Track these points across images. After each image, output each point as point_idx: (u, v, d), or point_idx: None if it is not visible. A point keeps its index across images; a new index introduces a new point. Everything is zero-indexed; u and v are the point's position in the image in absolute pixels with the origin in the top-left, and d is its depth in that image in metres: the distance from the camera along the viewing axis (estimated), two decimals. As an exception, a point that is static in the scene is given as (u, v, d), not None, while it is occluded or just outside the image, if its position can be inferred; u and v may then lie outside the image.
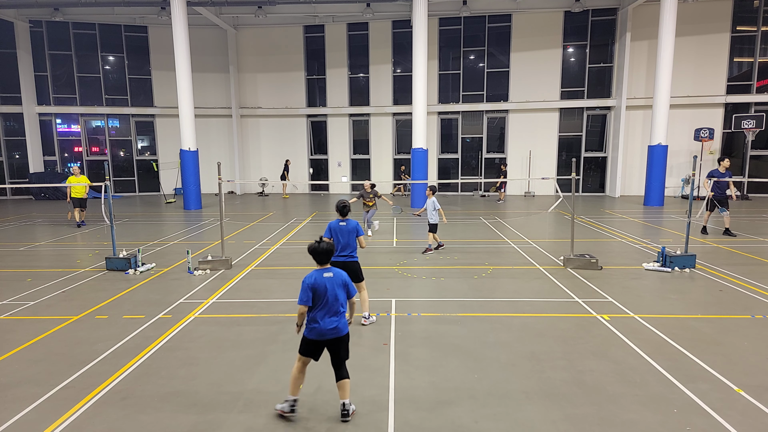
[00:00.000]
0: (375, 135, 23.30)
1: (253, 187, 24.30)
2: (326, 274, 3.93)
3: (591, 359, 4.98)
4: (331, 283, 3.91)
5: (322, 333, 3.88)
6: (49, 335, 5.77)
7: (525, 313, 6.37)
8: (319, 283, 3.88)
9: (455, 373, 4.71)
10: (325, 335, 3.89)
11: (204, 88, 22.90)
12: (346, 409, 3.91)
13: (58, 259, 9.92)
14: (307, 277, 3.90)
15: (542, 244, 10.80)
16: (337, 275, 3.97)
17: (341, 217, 5.94)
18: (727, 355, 5.07)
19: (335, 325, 3.89)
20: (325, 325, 3.87)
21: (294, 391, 3.98)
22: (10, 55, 22.09)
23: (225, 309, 6.69)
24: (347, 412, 3.91)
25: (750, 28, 20.12)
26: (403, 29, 21.77)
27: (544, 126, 21.87)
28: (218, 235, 10.40)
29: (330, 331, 3.88)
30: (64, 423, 3.93)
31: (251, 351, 5.27)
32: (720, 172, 11.14)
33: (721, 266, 8.68)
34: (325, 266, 3.99)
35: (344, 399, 3.93)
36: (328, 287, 3.88)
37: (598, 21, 21.08)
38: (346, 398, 3.94)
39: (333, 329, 3.89)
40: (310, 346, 3.95)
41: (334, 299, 3.89)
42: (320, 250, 3.93)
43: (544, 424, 3.86)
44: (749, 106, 20.28)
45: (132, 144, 23.95)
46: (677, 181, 20.58)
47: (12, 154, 23.36)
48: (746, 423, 3.84)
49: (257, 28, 22.90)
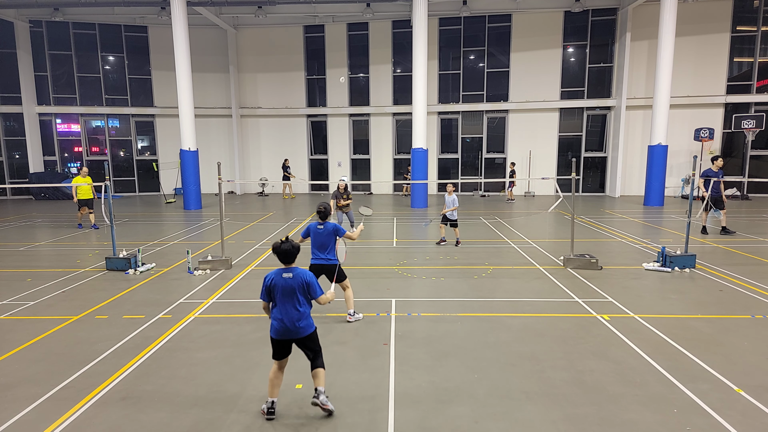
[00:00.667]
0: (375, 135, 23.30)
1: (253, 187, 24.30)
2: (285, 274, 3.92)
3: (591, 359, 4.98)
4: (290, 283, 3.89)
5: (282, 332, 3.91)
6: (49, 335, 5.77)
7: (525, 313, 6.37)
8: (276, 283, 3.90)
9: (455, 373, 4.71)
10: (285, 335, 3.91)
11: (204, 88, 22.89)
12: (317, 393, 3.94)
13: (58, 259, 9.92)
14: (266, 277, 3.95)
15: (542, 244, 10.80)
16: (297, 276, 3.92)
17: (320, 220, 5.97)
18: (727, 355, 5.07)
19: (297, 327, 3.90)
20: (284, 324, 3.89)
21: (272, 393, 3.99)
22: (10, 55, 22.09)
23: (225, 309, 6.69)
24: (317, 396, 3.93)
25: (750, 28, 20.12)
26: (403, 29, 21.76)
27: (544, 126, 21.87)
28: (218, 235, 10.40)
29: (289, 332, 3.90)
30: (64, 423, 3.93)
31: (251, 351, 5.27)
32: (714, 171, 11.18)
33: (721, 266, 8.68)
34: (289, 266, 3.96)
35: (318, 386, 3.97)
36: (285, 288, 3.88)
37: (598, 21, 21.08)
38: (320, 385, 3.97)
39: (293, 330, 3.90)
40: (275, 346, 3.97)
41: (292, 300, 3.89)
42: (280, 250, 3.93)
43: (544, 424, 3.86)
44: (749, 106, 20.28)
45: (132, 144, 23.94)
46: (677, 181, 20.58)
47: (12, 154, 23.35)
48: (746, 423, 3.84)
49: (257, 28, 22.90)
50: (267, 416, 3.94)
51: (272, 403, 3.97)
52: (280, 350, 3.98)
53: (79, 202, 13.35)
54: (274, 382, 3.99)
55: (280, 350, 3.98)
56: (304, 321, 3.93)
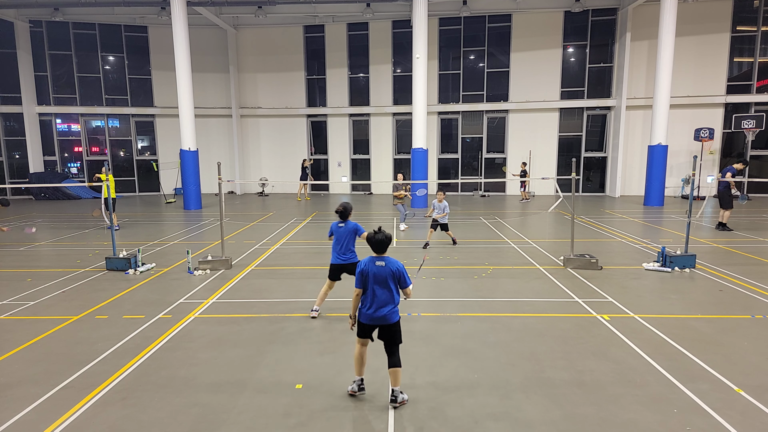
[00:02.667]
0: (375, 135, 23.30)
1: (253, 187, 24.30)
2: (378, 262, 4.12)
3: (591, 359, 4.98)
4: (382, 271, 4.09)
5: (371, 318, 4.13)
6: (49, 335, 5.77)
7: (525, 313, 6.37)
8: (369, 270, 4.11)
9: (455, 373, 4.71)
10: (373, 321, 4.13)
11: (204, 88, 22.90)
12: (394, 395, 4.13)
13: (58, 259, 9.92)
14: (360, 263, 4.18)
15: (542, 244, 10.80)
16: (389, 264, 4.11)
17: (340, 220, 6.12)
18: (727, 355, 5.07)
19: (383, 314, 4.09)
20: (372, 311, 4.10)
21: (359, 371, 4.28)
22: (10, 55, 22.09)
23: (225, 309, 6.69)
24: (395, 399, 4.12)
25: (750, 28, 20.13)
26: (403, 29, 21.77)
27: (544, 126, 21.88)
28: (218, 235, 10.40)
29: (377, 319, 4.11)
30: (64, 423, 3.93)
31: (251, 351, 5.27)
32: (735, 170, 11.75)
33: (721, 266, 8.68)
34: (381, 255, 4.16)
35: (394, 386, 4.15)
36: (377, 275, 4.08)
37: (598, 21, 21.08)
38: (396, 386, 4.15)
39: (381, 317, 4.10)
40: (361, 329, 4.22)
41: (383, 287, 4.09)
42: (374, 240, 4.15)
43: (544, 424, 3.86)
44: (749, 106, 20.29)
45: (132, 144, 23.95)
46: (677, 181, 20.58)
47: (12, 154, 23.36)
48: (746, 423, 3.84)
49: (257, 28, 22.90)
50: (358, 393, 4.25)
51: (361, 380, 4.29)
52: (365, 333, 4.22)
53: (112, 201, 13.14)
54: (359, 362, 4.27)
55: (365, 332, 4.22)
56: (392, 308, 4.13)
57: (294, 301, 7.00)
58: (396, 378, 4.14)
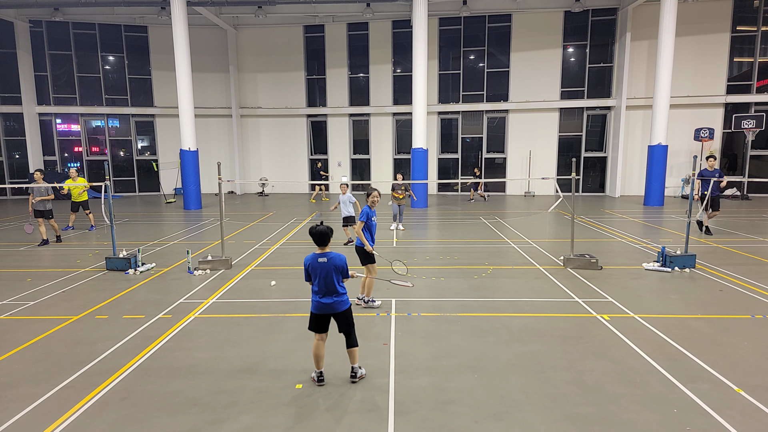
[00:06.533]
0: (375, 135, 23.31)
1: (253, 187, 24.30)
2: (320, 259, 4.38)
3: (591, 359, 4.98)
4: (325, 267, 4.35)
5: (320, 306, 4.40)
6: (49, 335, 5.77)
7: (525, 313, 6.37)
8: (313, 265, 4.40)
9: (455, 373, 4.71)
10: (322, 309, 4.40)
11: (204, 88, 22.90)
12: (354, 372, 4.50)
13: (58, 259, 9.92)
14: (305, 259, 4.47)
15: (542, 244, 10.80)
16: (331, 261, 4.36)
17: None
18: (727, 355, 5.07)
19: (330, 302, 4.38)
20: (321, 296, 4.38)
21: (318, 366, 4.47)
22: (10, 55, 22.09)
23: (225, 309, 6.69)
24: (354, 374, 4.49)
25: (750, 28, 20.13)
26: (403, 29, 21.77)
27: (544, 126, 21.88)
28: (218, 235, 10.40)
29: (326, 306, 4.38)
30: (64, 423, 3.93)
31: (251, 351, 5.27)
32: (708, 170, 11.26)
33: (721, 266, 8.67)
34: (324, 249, 4.41)
35: (353, 364, 4.51)
36: (320, 270, 4.35)
37: (598, 21, 21.08)
38: (355, 363, 4.51)
39: (329, 305, 4.38)
40: (314, 320, 4.45)
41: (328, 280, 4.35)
42: (314, 232, 4.41)
43: (544, 424, 3.86)
44: (749, 106, 20.29)
45: (132, 144, 23.95)
46: (677, 181, 20.59)
47: (12, 154, 23.37)
48: (746, 423, 3.84)
49: (257, 28, 22.90)
50: (317, 383, 4.45)
51: (320, 373, 4.48)
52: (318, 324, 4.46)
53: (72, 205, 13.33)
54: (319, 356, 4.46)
55: (317, 324, 4.46)
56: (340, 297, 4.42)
57: (294, 301, 6.99)
58: (354, 356, 4.49)
